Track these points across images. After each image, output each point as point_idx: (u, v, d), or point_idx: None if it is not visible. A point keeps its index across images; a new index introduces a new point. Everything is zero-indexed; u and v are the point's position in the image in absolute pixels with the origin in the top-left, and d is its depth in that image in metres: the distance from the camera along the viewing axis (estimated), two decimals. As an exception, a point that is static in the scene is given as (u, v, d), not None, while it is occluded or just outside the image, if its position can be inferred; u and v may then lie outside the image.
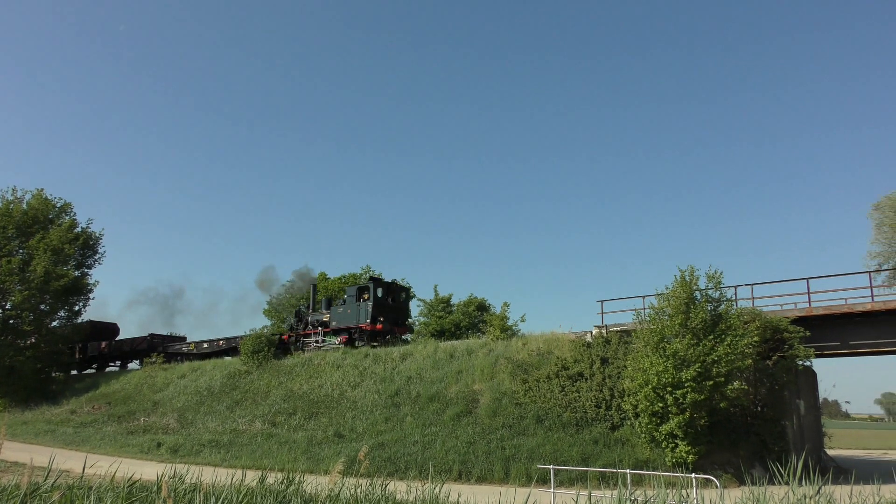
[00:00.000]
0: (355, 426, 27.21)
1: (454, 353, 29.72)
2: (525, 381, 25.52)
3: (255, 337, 37.90)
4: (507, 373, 26.40)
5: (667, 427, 20.30)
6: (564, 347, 26.72)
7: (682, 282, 21.61)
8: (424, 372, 29.05)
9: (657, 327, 21.30)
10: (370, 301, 36.02)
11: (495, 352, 28.31)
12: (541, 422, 23.70)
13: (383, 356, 31.95)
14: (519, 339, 29.10)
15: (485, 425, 24.43)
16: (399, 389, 28.53)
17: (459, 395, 26.52)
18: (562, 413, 23.69)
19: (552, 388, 24.69)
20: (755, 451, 21.49)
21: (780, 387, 22.69)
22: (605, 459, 21.10)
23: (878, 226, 40.06)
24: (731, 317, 21.28)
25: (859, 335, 23.89)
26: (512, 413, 24.50)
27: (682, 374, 19.81)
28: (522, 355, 27.31)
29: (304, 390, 31.66)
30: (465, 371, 27.82)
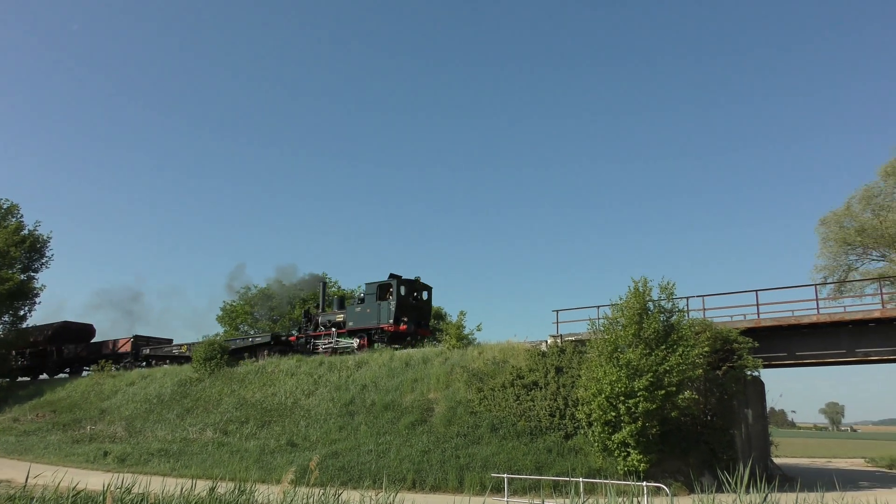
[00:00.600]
0: (309, 435, 26.92)
1: (410, 361, 29.64)
2: (480, 389, 25.57)
3: (207, 344, 37.20)
4: (462, 381, 26.42)
5: (619, 436, 20.54)
6: (520, 356, 26.85)
7: (636, 292, 21.94)
8: (380, 380, 28.90)
9: (611, 337, 21.56)
10: (393, 300, 33.61)
11: (451, 360, 28.32)
12: (495, 430, 23.75)
13: (338, 364, 31.70)
14: (475, 347, 29.17)
15: (439, 434, 24.38)
16: (354, 398, 28.33)
17: (414, 404, 26.44)
18: (516, 422, 23.78)
19: (507, 396, 24.78)
20: (705, 460, 21.86)
21: (729, 396, 23.14)
22: (559, 468, 21.23)
23: (824, 240, 41.17)
24: (683, 327, 21.67)
25: (805, 346, 24.52)
26: (467, 422, 24.50)
27: (635, 384, 20.07)
28: (478, 364, 27.36)
29: (257, 398, 31.23)
30: (421, 380, 27.76)
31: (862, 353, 23.68)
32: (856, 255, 41.18)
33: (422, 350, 30.83)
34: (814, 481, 18.14)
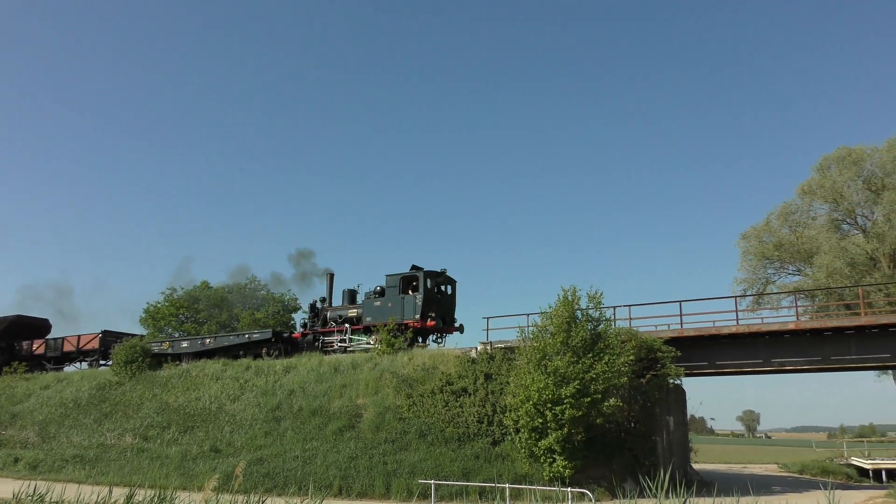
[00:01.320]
0: (233, 441, 26.36)
1: (339, 366, 29.35)
2: (409, 395, 25.52)
3: (128, 346, 35.95)
4: (391, 387, 26.32)
5: (546, 442, 20.80)
6: (450, 363, 26.92)
7: (565, 301, 22.31)
8: (308, 385, 28.51)
9: (540, 345, 21.85)
10: (420, 293, 31.00)
11: (381, 366, 28.16)
12: (423, 436, 23.74)
13: (265, 368, 31.14)
14: (405, 353, 29.11)
15: (367, 440, 24.23)
16: (281, 403, 27.87)
17: (343, 410, 26.20)
18: (445, 428, 23.82)
19: (436, 403, 24.80)
20: (627, 466, 22.35)
21: (652, 404, 23.73)
22: (486, 474, 21.35)
23: (745, 254, 42.75)
24: (610, 336, 22.13)
25: (725, 356, 25.35)
26: (395, 428, 24.42)
27: (562, 391, 20.37)
28: (408, 370, 27.30)
29: (180, 403, 30.39)
30: (350, 385, 27.52)
31: (777, 362, 24.63)
32: (773, 269, 42.95)
33: (351, 355, 30.57)
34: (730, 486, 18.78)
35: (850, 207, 38.93)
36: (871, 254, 36.81)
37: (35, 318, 47.66)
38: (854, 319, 23.11)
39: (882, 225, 36.14)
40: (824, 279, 36.12)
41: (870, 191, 38.15)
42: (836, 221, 39.96)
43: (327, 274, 37.06)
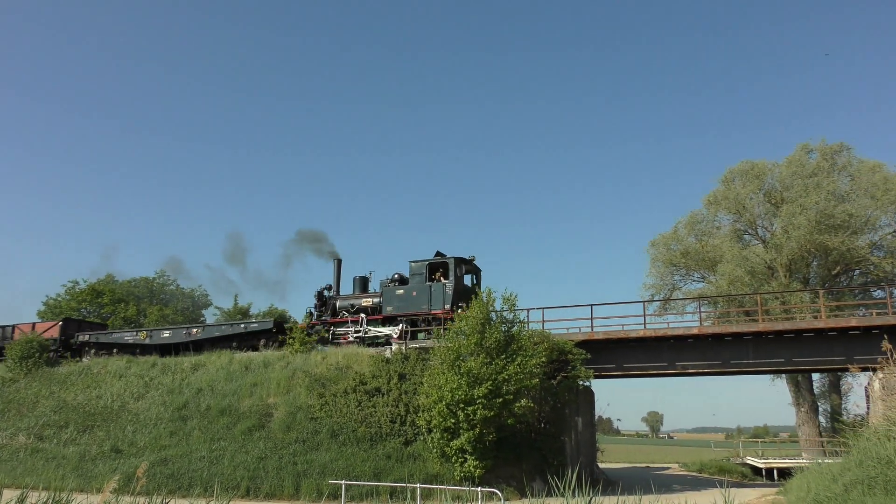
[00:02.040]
0: (136, 440, 25.42)
1: (250, 364, 28.73)
2: (322, 395, 25.24)
3: (24, 341, 34.08)
4: (303, 386, 25.96)
5: (457, 442, 20.94)
6: (364, 362, 26.77)
7: (480, 303, 22.52)
8: (217, 384, 27.78)
9: (454, 346, 21.99)
10: (450, 282, 28.74)
11: (293, 365, 27.73)
12: (335, 436, 23.52)
13: (172, 366, 30.16)
14: (318, 352, 28.75)
15: (277, 440, 23.83)
16: (188, 402, 27.06)
17: (252, 409, 25.67)
18: (357, 428, 23.67)
19: (349, 402, 24.61)
20: (536, 465, 22.75)
21: (562, 405, 24.25)
22: (397, 474, 21.34)
23: (653, 261, 44.20)
24: (523, 338, 22.47)
25: (632, 359, 26.16)
26: (306, 427, 24.10)
27: (475, 392, 20.56)
28: (321, 369, 26.99)
29: (80, 401, 29.06)
30: (261, 384, 26.98)
31: (681, 365, 25.59)
32: (680, 275, 44.58)
33: (263, 353, 29.95)
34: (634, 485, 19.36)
35: (752, 219, 40.82)
36: (770, 263, 38.69)
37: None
38: (752, 326, 24.26)
39: (780, 236, 38.05)
40: (726, 286, 37.75)
41: (770, 203, 40.12)
42: (738, 232, 41.82)
43: (335, 260, 33.77)
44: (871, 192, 37.07)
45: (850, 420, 24.55)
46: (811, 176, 38.43)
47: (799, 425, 41.49)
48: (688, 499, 13.79)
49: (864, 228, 38.02)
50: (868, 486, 13.69)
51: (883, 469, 13.83)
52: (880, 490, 13.37)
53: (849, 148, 40.08)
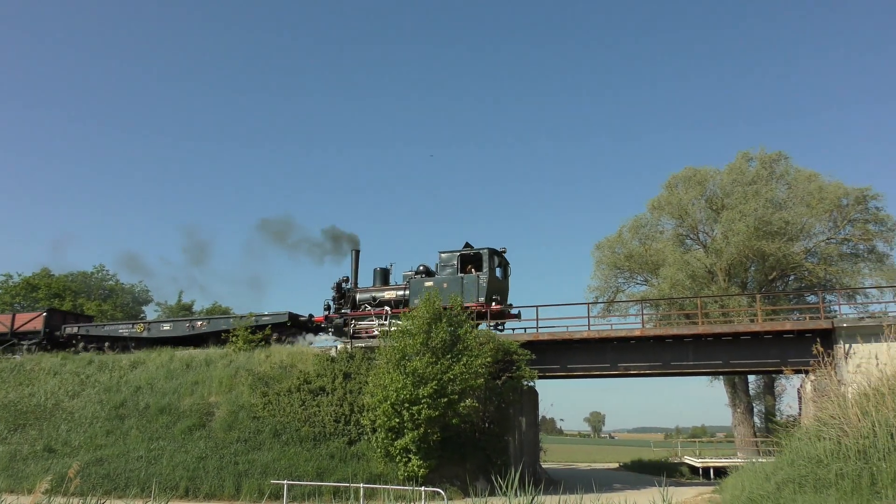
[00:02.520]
0: (70, 440, 24.70)
1: (191, 362, 28.16)
2: (265, 394, 24.92)
3: None
4: (246, 385, 25.58)
5: (402, 442, 20.91)
6: (308, 361, 26.52)
7: (426, 302, 22.53)
8: (156, 382, 27.16)
9: (400, 345, 21.95)
10: (484, 274, 27.53)
11: (236, 363, 27.29)
12: (278, 436, 23.26)
13: (110, 363, 29.36)
14: (262, 350, 28.36)
15: (218, 439, 23.45)
16: (126, 400, 26.39)
17: (193, 408, 25.19)
18: (300, 427, 23.44)
19: (293, 401, 24.35)
20: (480, 465, 22.87)
21: (506, 405, 24.42)
22: (341, 474, 21.22)
23: (598, 263, 44.87)
24: (469, 338, 22.56)
25: (576, 359, 26.51)
26: (249, 427, 23.76)
27: (420, 391, 20.55)
28: (265, 368, 26.64)
29: (11, 399, 28.04)
30: (202, 382, 26.48)
31: (623, 367, 26.03)
32: (623, 278, 45.35)
33: (205, 351, 29.39)
34: (575, 484, 19.63)
35: (694, 224, 41.78)
36: (710, 268, 39.67)
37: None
38: (692, 328, 24.82)
39: (720, 242, 39.03)
40: (668, 290, 38.56)
41: (711, 209, 41.13)
42: (680, 236, 42.75)
43: (353, 250, 31.94)
44: (807, 200, 38.32)
45: (782, 421, 25.32)
46: (751, 183, 39.53)
47: (735, 425, 42.59)
48: (627, 497, 14.04)
49: (799, 235, 39.32)
50: (799, 484, 14.15)
51: (813, 468, 14.30)
52: (810, 488, 13.83)
53: (787, 157, 41.39)
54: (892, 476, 13.04)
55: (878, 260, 39.01)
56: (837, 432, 15.08)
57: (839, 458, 14.11)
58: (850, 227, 39.36)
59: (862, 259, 39.58)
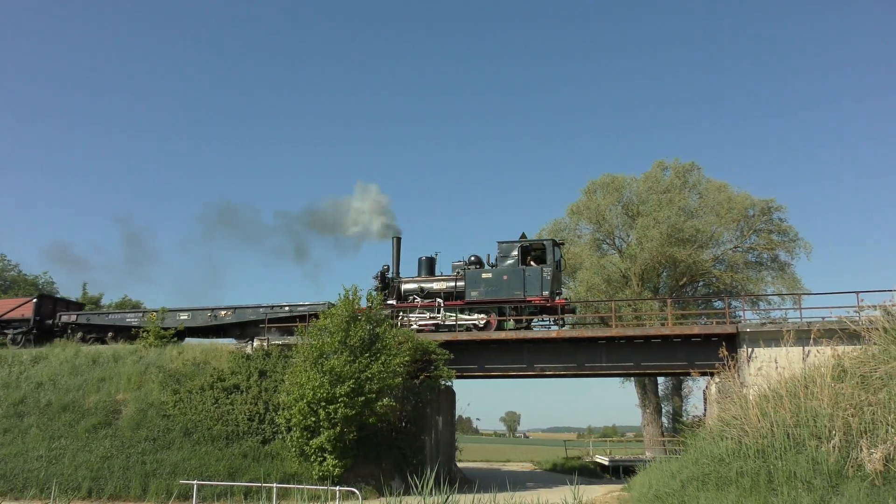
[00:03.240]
0: (-37, 439, 23.39)
1: (98, 358, 27.07)
2: (176, 391, 24.22)
3: None
4: (157, 382, 24.80)
5: (317, 441, 20.72)
6: (223, 358, 25.93)
7: (346, 300, 22.38)
8: (60, 378, 25.98)
9: (318, 343, 21.73)
10: (548, 266, 26.28)
11: (146, 359, 26.41)
12: (189, 435, 22.66)
13: (9, 358, 27.88)
14: (175, 347, 27.54)
15: (125, 438, 22.67)
16: (25, 397, 25.15)
17: (99, 406, 24.24)
18: (213, 426, 22.90)
19: (205, 399, 23.77)
20: (396, 464, 22.87)
21: (423, 404, 24.50)
22: (253, 474, 20.86)
23: (516, 265, 45.50)
24: (388, 337, 22.52)
25: (493, 360, 26.79)
26: (158, 425, 23.05)
27: (337, 390, 20.40)
28: (177, 364, 25.88)
29: None
30: (109, 379, 25.51)
31: (539, 367, 26.47)
32: (541, 280, 46.10)
33: (113, 347, 28.31)
34: (490, 483, 19.91)
35: (610, 229, 42.92)
36: (625, 272, 40.83)
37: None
38: (606, 331, 25.49)
39: (635, 247, 40.24)
40: (584, 293, 39.53)
41: (627, 216, 42.36)
42: (597, 241, 43.84)
43: (394, 238, 30.26)
44: (717, 209, 39.97)
45: (689, 421, 26.29)
46: (665, 192, 40.92)
47: (644, 425, 43.94)
48: (540, 496, 14.33)
49: (708, 243, 41.01)
50: (702, 482, 14.74)
51: (716, 466, 14.92)
52: (713, 486, 14.42)
53: (699, 168, 42.99)
54: (787, 474, 13.73)
55: (780, 269, 41.08)
56: (739, 432, 15.78)
57: (740, 457, 14.77)
58: (755, 237, 41.29)
59: (765, 267, 41.62)
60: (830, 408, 14.82)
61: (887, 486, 12.77)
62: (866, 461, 13.21)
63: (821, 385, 15.78)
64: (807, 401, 15.45)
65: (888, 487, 12.74)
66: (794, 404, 15.53)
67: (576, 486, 13.46)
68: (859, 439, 13.79)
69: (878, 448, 13.27)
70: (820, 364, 17.18)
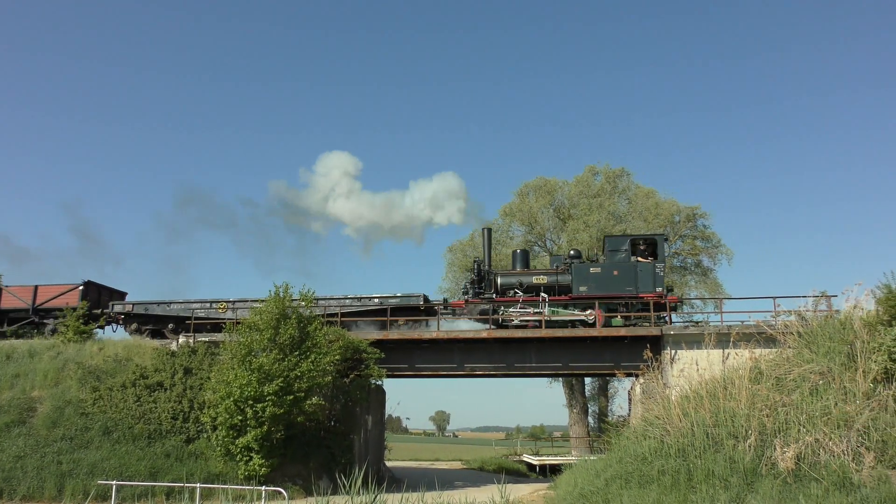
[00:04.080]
0: None
1: (13, 354, 25.92)
2: (96, 388, 23.42)
3: None
4: (75, 379, 23.92)
5: (243, 440, 20.35)
6: (146, 355, 25.21)
7: (276, 298, 22.09)
8: (-31, 374, 24.80)
9: (246, 340, 21.37)
10: (661, 262, 25.61)
11: (65, 355, 25.42)
12: (109, 434, 21.95)
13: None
14: (95, 343, 26.60)
15: (40, 437, 21.79)
16: (-68, 394, 23.92)
17: (12, 403, 23.22)
18: (134, 424, 22.25)
19: (127, 397, 23.06)
20: (324, 464, 22.68)
21: (353, 403, 24.36)
22: (176, 473, 20.37)
23: (449, 265, 45.79)
24: (318, 335, 22.31)
25: (424, 359, 26.86)
26: (76, 424, 22.25)
27: (265, 388, 20.10)
28: (97, 361, 25.03)
29: None
30: (24, 375, 24.46)
31: (470, 367, 26.66)
32: (473, 280, 46.50)
33: (29, 342, 27.14)
34: (418, 482, 19.91)
35: (542, 231, 43.60)
36: (555, 274, 41.53)
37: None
38: (536, 332, 25.79)
39: (565, 250, 40.98)
40: (515, 294, 39.99)
41: (558, 219, 43.11)
42: (529, 242, 44.41)
43: (484, 229, 29.27)
44: (644, 215, 41.07)
45: (614, 421, 26.93)
46: (595, 196, 41.82)
47: (571, 425, 44.76)
48: (468, 495, 14.44)
49: (636, 247, 42.05)
50: (625, 480, 15.12)
51: (639, 465, 15.33)
52: (635, 484, 14.81)
53: (629, 174, 44.13)
54: (706, 472, 14.22)
55: (703, 274, 42.51)
56: (661, 432, 16.26)
57: (661, 456, 15.23)
58: (680, 242, 42.61)
59: (689, 272, 42.99)
60: (747, 408, 15.44)
61: (798, 484, 13.37)
62: (779, 460, 13.81)
63: (739, 386, 16.42)
64: (725, 402, 16.05)
65: (799, 485, 13.34)
66: (714, 405, 16.11)
67: (503, 485, 13.64)
68: (773, 439, 14.42)
69: (790, 447, 13.90)
70: (738, 366, 17.86)
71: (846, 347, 16.41)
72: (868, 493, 12.56)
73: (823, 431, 13.98)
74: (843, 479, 13.03)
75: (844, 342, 16.64)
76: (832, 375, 15.84)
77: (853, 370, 15.64)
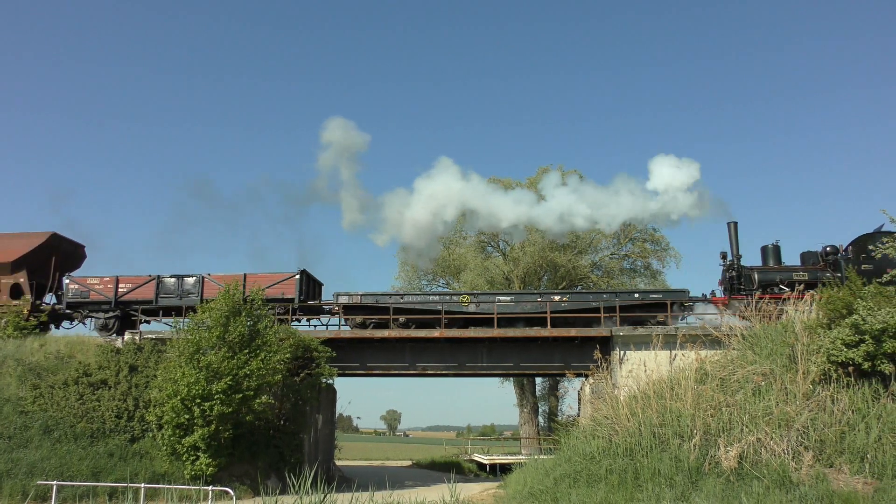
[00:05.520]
0: None
1: (-51, 351, 25.03)
2: (36, 386, 22.73)
3: None
4: (14, 376, 23.18)
5: (190, 439, 19.98)
6: (90, 352, 24.58)
7: (226, 295, 21.74)
8: None
9: (194, 338, 20.98)
10: None
11: (3, 351, 24.63)
12: (49, 433, 21.32)
13: None
14: (36, 339, 25.84)
15: (-24, 436, 21.07)
16: None
17: (-53, 401, 22.42)
18: (76, 423, 21.66)
19: (69, 395, 22.43)
20: (273, 463, 22.41)
21: (303, 402, 24.13)
22: (120, 473, 19.91)
23: (402, 264, 45.84)
24: (268, 333, 22.03)
25: (376, 358, 26.80)
26: (14, 422, 21.54)
27: (213, 387, 19.77)
28: (38, 357, 24.31)
29: None
30: (-41, 373, 23.64)
31: (421, 366, 26.70)
32: (427, 280, 46.62)
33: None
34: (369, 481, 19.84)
35: (496, 233, 43.86)
36: (507, 274, 41.83)
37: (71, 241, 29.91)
38: (487, 331, 25.93)
39: (518, 251, 41.33)
40: (468, 293, 40.18)
41: (512, 220, 43.41)
42: (482, 243, 44.70)
43: (730, 223, 27.74)
44: (596, 217, 41.65)
45: (563, 420, 27.23)
46: (549, 198, 42.23)
47: (521, 424, 45.15)
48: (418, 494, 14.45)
49: (587, 250, 42.77)
50: (574, 479, 15.31)
51: (587, 464, 15.54)
52: (583, 482, 15.01)
53: (581, 176, 44.64)
54: (652, 471, 14.48)
55: (651, 276, 43.34)
56: (609, 431, 16.52)
57: (609, 455, 15.47)
58: (630, 245, 43.34)
59: (639, 274, 43.79)
60: (693, 409, 15.79)
61: (740, 482, 13.73)
62: (723, 458, 14.16)
63: (685, 387, 16.77)
64: (672, 402, 16.38)
65: (741, 483, 13.70)
66: (661, 405, 16.43)
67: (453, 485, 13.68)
68: (717, 438, 14.78)
69: (733, 446, 14.27)
70: (685, 367, 18.23)
71: (787, 349, 16.90)
72: (806, 490, 12.97)
73: (765, 431, 14.38)
74: (783, 477, 13.43)
75: (786, 344, 17.13)
76: (774, 377, 16.30)
77: (794, 371, 16.12)
